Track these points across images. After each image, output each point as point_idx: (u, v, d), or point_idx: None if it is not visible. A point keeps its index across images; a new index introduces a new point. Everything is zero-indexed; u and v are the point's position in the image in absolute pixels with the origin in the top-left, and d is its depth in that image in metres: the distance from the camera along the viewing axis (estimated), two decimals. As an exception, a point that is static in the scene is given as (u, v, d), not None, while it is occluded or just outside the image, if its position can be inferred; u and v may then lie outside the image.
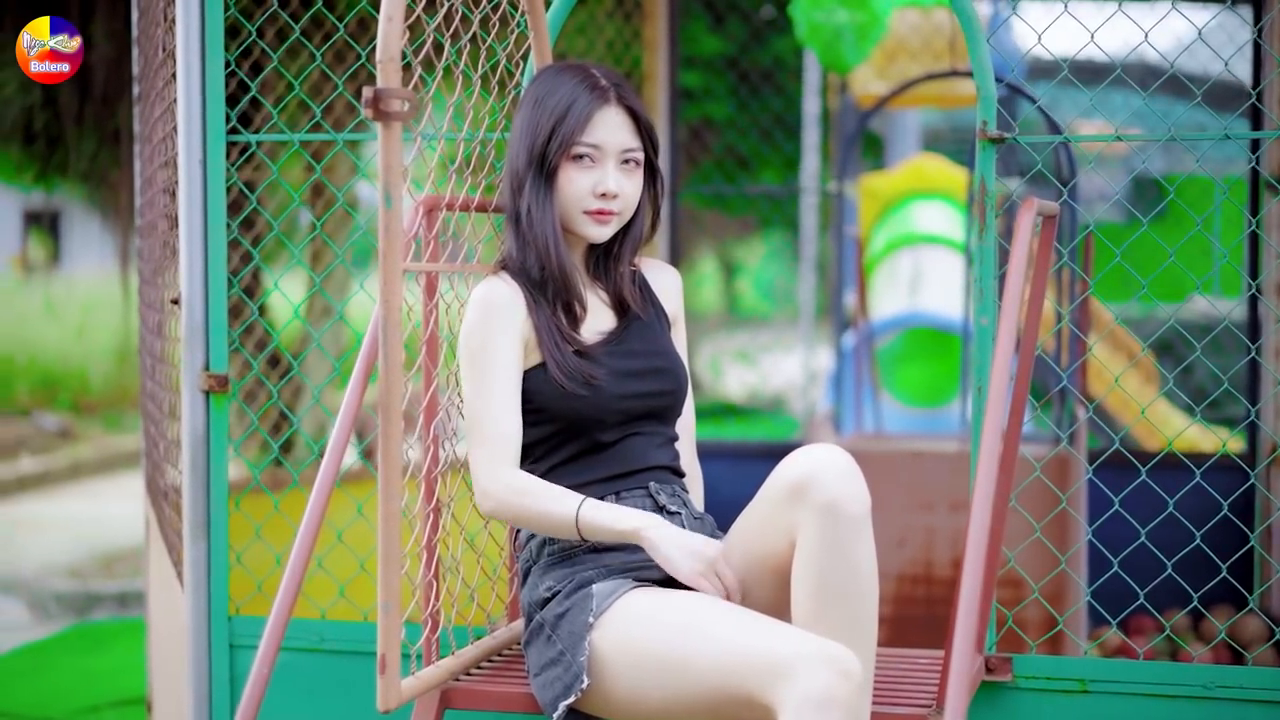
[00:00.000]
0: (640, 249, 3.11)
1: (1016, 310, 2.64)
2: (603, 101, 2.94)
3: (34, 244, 29.08)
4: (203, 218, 3.58)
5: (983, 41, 3.17)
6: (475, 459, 2.88)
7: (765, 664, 2.55)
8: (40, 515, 11.78)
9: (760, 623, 2.64)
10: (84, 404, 16.33)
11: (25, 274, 25.35)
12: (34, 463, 13.48)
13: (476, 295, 2.91)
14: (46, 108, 7.83)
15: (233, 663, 3.62)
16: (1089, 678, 3.21)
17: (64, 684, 6.59)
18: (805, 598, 2.68)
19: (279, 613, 2.75)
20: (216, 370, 3.60)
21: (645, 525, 2.79)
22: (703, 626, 2.66)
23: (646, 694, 2.70)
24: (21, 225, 29.09)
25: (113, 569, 9.68)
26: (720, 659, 2.61)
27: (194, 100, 3.56)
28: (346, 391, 2.86)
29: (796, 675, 2.51)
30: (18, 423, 15.10)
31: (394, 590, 2.57)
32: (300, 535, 2.75)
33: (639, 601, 2.76)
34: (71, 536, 10.75)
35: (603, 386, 2.91)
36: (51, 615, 8.60)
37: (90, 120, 7.80)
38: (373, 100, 2.50)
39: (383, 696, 2.62)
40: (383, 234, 2.52)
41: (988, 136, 3.19)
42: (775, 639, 2.58)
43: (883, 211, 10.38)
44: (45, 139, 8.07)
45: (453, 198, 3.06)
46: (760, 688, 2.55)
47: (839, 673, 2.51)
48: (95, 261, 21.93)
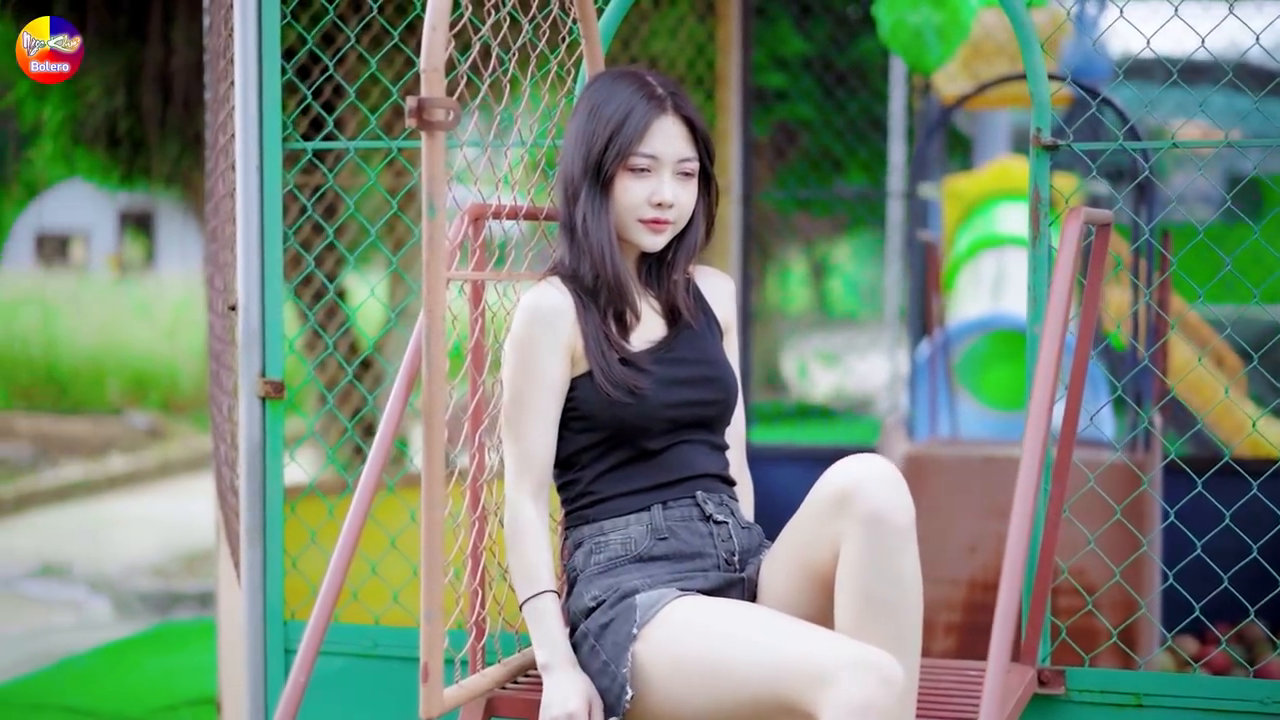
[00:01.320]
0: (694, 258, 3.09)
1: (1062, 318, 2.61)
2: (660, 111, 2.92)
3: (130, 244, 29.46)
4: (259, 224, 3.61)
5: (1036, 45, 3.14)
6: (506, 471, 2.92)
7: (806, 670, 2.54)
8: (128, 514, 11.93)
9: (801, 629, 2.63)
10: (174, 403, 16.52)
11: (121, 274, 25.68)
12: (124, 461, 13.65)
13: (525, 303, 2.91)
14: (130, 112, 7.91)
15: (288, 667, 3.64)
16: (1144, 691, 3.17)
17: (143, 682, 6.67)
18: (849, 607, 2.67)
19: (317, 620, 2.76)
20: (273, 376, 3.62)
21: (546, 664, 2.83)
22: (744, 634, 2.65)
23: (689, 702, 2.70)
24: (118, 225, 29.49)
25: (195, 569, 9.80)
26: (761, 665, 2.60)
27: (251, 108, 3.59)
28: (389, 400, 2.87)
29: (837, 681, 2.50)
30: (109, 421, 15.30)
31: (437, 599, 2.56)
32: (340, 544, 2.76)
33: (681, 611, 2.75)
34: (157, 535, 10.89)
35: (648, 395, 2.90)
36: (135, 614, 8.71)
37: (173, 124, 7.87)
38: (416, 110, 2.50)
39: (425, 705, 2.61)
40: (426, 243, 2.51)
41: (1041, 144, 3.16)
42: (816, 645, 2.57)
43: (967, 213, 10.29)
44: (130, 142, 8.15)
45: (500, 206, 3.06)
46: (800, 694, 2.54)
47: (880, 680, 2.49)
48: (186, 262, 22.17)
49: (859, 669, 2.50)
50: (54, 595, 9.19)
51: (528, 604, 2.87)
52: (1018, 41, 3.15)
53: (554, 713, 2.79)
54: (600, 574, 2.90)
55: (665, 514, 2.90)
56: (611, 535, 2.91)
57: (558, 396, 2.91)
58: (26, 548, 10.51)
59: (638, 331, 2.98)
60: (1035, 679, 3.19)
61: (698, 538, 2.91)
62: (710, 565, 2.90)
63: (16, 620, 8.48)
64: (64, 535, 10.83)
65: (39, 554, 10.19)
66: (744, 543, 2.95)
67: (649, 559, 2.89)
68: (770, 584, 2.87)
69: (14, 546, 10.59)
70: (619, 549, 2.89)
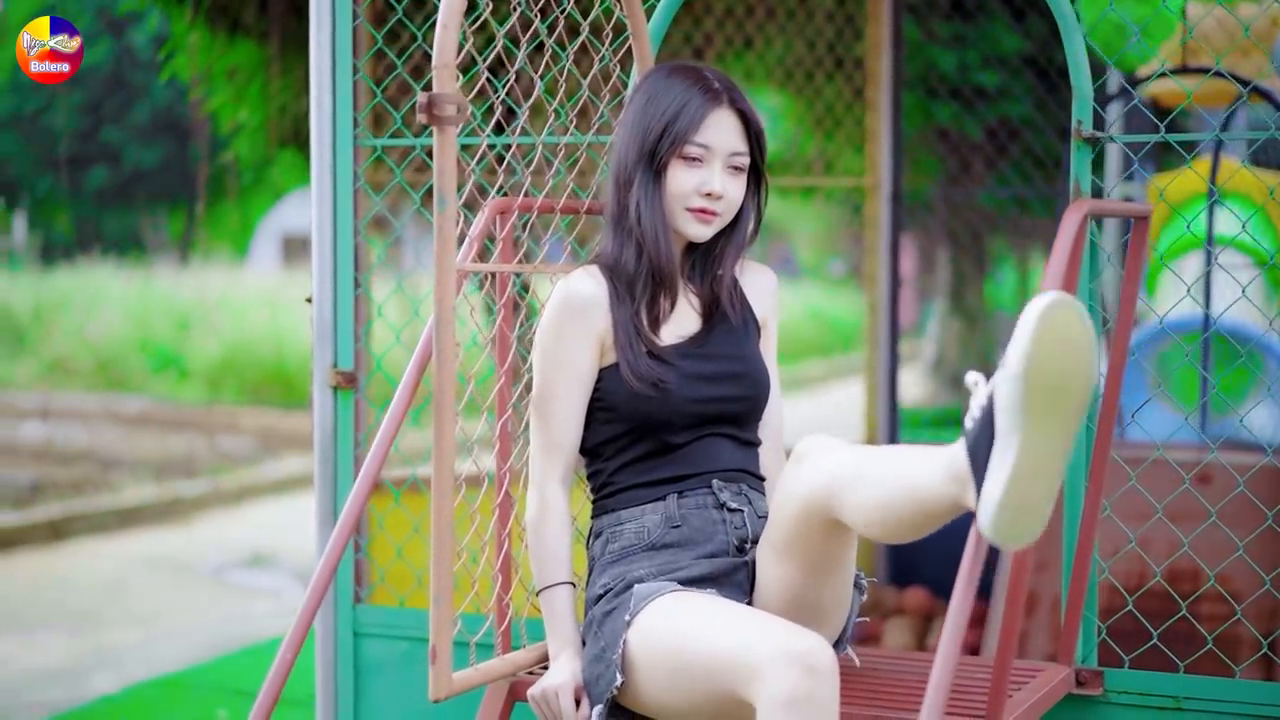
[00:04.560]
0: (742, 254, 3.10)
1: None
2: (716, 103, 2.96)
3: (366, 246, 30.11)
4: (332, 219, 3.72)
5: (1079, 37, 3.09)
6: (532, 458, 2.97)
7: (741, 664, 2.56)
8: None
9: (742, 622, 2.65)
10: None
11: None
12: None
13: (558, 291, 2.96)
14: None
15: (357, 649, 3.75)
16: (1183, 694, 3.11)
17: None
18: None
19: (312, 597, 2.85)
20: (344, 367, 3.72)
21: (555, 656, 2.93)
22: (702, 629, 2.68)
23: (665, 693, 2.74)
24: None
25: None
26: (710, 661, 2.63)
27: (325, 105, 3.70)
28: (396, 391, 2.94)
29: (765, 676, 2.51)
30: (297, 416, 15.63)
31: (446, 583, 2.63)
32: (335, 532, 2.84)
33: (666, 603, 2.78)
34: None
35: (671, 389, 2.93)
36: (329, 603, 8.93)
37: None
38: (426, 105, 2.57)
39: (434, 686, 2.68)
40: (437, 235, 2.58)
41: (1082, 136, 3.11)
42: (749, 638, 2.59)
43: (1172, 213, 10.04)
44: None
45: (527, 200, 3.12)
46: (740, 688, 2.57)
47: (804, 670, 2.50)
48: (423, 261, 22.59)
49: (784, 661, 2.51)
50: (257, 584, 9.50)
51: (543, 593, 2.93)
52: (1061, 32, 3.11)
53: (540, 686, 2.86)
54: (613, 563, 2.95)
55: (680, 503, 2.93)
56: (627, 525, 2.95)
57: (585, 385, 2.96)
58: (241, 538, 10.86)
59: (670, 326, 3.00)
60: (1072, 678, 3.15)
61: (709, 524, 2.93)
62: (719, 550, 2.92)
63: (218, 607, 8.79)
64: (276, 527, 11.16)
65: (252, 544, 10.53)
66: (758, 531, 2.96)
67: (660, 547, 2.92)
68: (761, 566, 2.88)
69: (229, 536, 10.96)
70: (632, 538, 2.93)
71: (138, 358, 18.99)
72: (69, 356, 19.05)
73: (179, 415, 16.17)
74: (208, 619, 8.46)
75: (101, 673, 7.22)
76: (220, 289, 21.27)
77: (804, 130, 9.72)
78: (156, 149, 26.63)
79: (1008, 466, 2.33)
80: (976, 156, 12.80)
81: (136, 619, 8.43)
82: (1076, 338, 2.32)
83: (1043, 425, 2.33)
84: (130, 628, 8.21)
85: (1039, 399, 2.31)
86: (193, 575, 9.71)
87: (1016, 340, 2.31)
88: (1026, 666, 3.17)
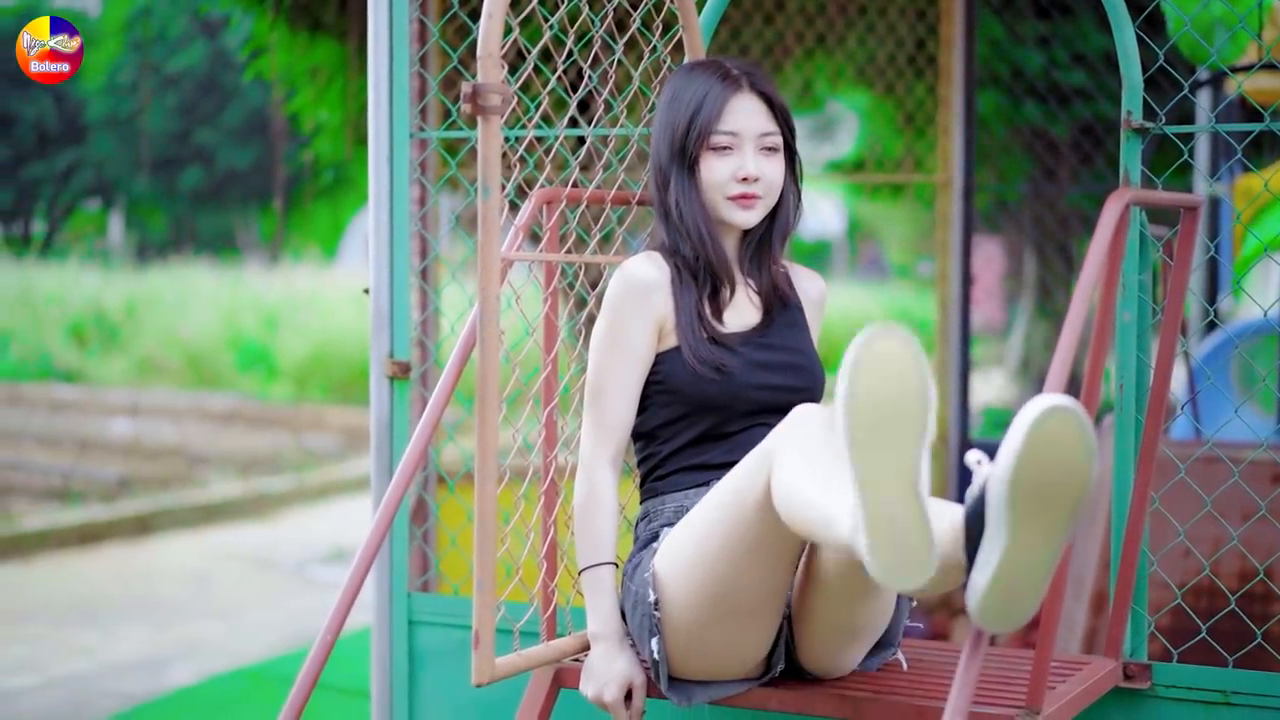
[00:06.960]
0: (789, 238, 3.11)
1: (1083, 307, 2.55)
2: (735, 89, 2.98)
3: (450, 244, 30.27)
4: (389, 210, 3.75)
5: (1129, 26, 3.08)
6: (584, 436, 2.99)
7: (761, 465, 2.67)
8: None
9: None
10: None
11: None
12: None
13: (619, 274, 2.98)
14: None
15: (411, 637, 3.78)
16: (1232, 689, 3.08)
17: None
18: None
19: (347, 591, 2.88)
20: (400, 358, 3.76)
21: (596, 634, 2.92)
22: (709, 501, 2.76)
23: (697, 567, 2.76)
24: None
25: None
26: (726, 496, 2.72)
27: (382, 99, 3.75)
28: (439, 380, 2.97)
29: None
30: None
31: (489, 569, 2.65)
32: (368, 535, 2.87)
33: (681, 521, 2.84)
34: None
35: (734, 374, 2.95)
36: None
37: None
38: (471, 95, 2.60)
39: (476, 671, 2.70)
40: (481, 223, 2.60)
41: (1131, 127, 3.10)
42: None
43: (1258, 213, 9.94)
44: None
45: (575, 190, 3.14)
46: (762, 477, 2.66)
47: None
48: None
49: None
50: (338, 579, 9.58)
51: (587, 572, 2.93)
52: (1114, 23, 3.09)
53: (589, 690, 2.87)
54: (644, 545, 2.97)
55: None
56: (668, 505, 2.96)
57: (641, 368, 2.97)
58: (323, 534, 10.96)
59: (731, 315, 3.02)
60: (1119, 672, 3.13)
61: None
62: None
63: (297, 601, 8.88)
64: (358, 524, 11.24)
65: (334, 540, 10.62)
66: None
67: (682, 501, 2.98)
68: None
69: (312, 532, 11.07)
70: (671, 516, 2.95)
71: (227, 356, 19.22)
72: (160, 354, 19.30)
73: (266, 413, 16.35)
74: (289, 613, 8.55)
75: (181, 664, 7.32)
76: (309, 288, 21.48)
77: (889, 128, 9.68)
78: (248, 150, 26.95)
79: (993, 563, 2.33)
80: (1064, 157, 12.72)
81: (219, 612, 8.54)
82: (1071, 446, 2.29)
83: (1029, 529, 2.32)
84: (212, 621, 8.32)
85: (1027, 504, 2.31)
86: (275, 570, 9.82)
87: (1008, 442, 2.29)
88: (1073, 659, 3.16)
